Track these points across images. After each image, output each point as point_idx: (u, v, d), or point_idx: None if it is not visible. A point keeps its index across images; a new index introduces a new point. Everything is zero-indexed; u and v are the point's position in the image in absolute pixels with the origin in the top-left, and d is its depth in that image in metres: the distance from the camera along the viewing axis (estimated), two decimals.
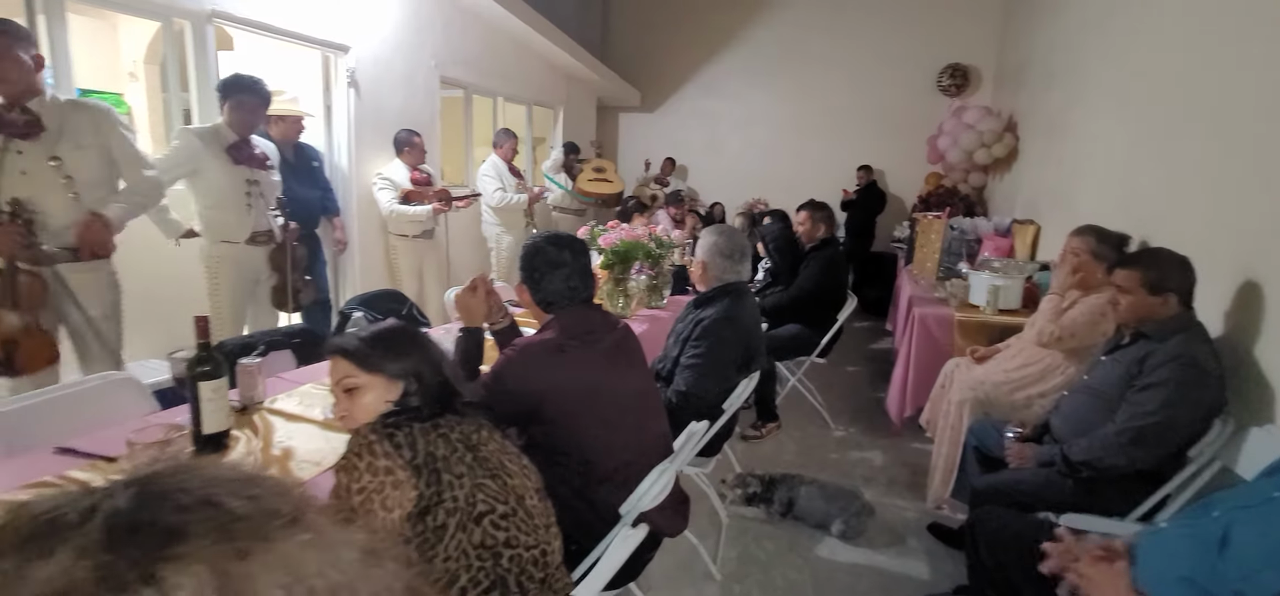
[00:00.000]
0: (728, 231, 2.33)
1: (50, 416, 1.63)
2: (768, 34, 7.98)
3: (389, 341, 1.20)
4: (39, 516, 0.42)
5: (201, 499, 0.44)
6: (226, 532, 0.43)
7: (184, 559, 0.40)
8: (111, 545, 0.40)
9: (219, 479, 0.47)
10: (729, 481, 2.85)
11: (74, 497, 0.43)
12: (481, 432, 1.18)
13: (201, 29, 3.16)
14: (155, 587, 0.39)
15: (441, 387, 1.18)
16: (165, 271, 2.90)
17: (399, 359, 1.17)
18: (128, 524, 0.41)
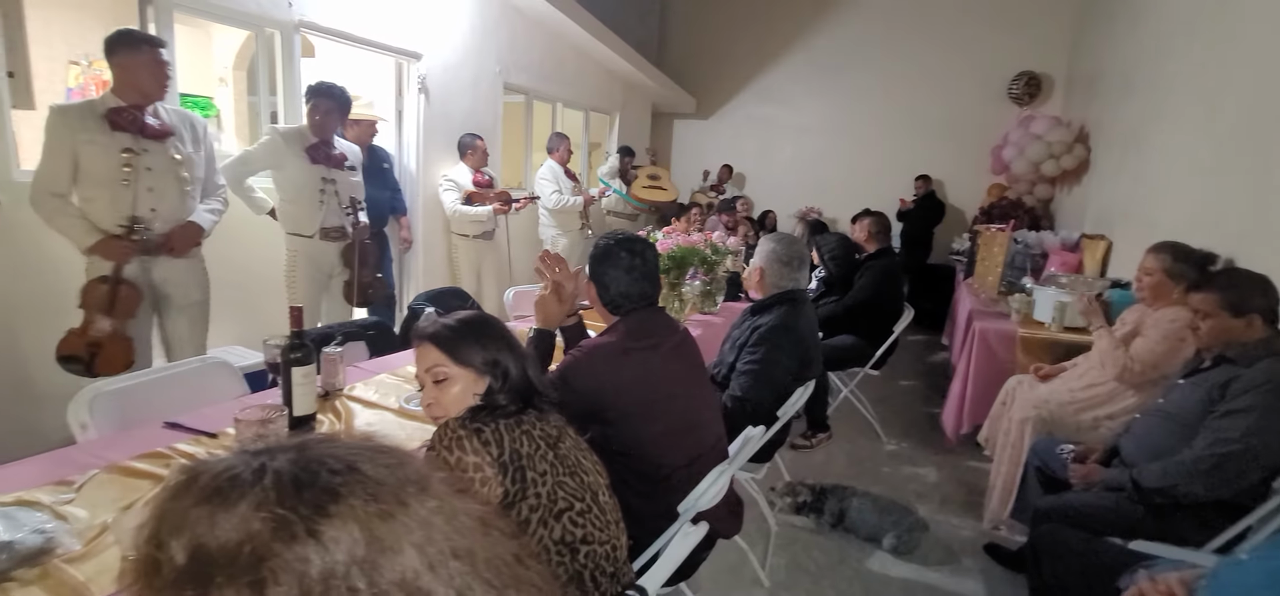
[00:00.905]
0: (786, 239, 2.34)
1: (158, 394, 1.79)
2: (826, 41, 7.89)
3: (479, 331, 1.22)
4: (219, 474, 0.49)
5: (348, 464, 0.51)
6: (372, 496, 0.49)
7: (340, 517, 0.47)
8: (281, 501, 0.47)
9: (360, 448, 0.53)
10: (779, 489, 2.86)
11: (246, 459, 0.50)
12: (560, 430, 1.20)
13: (289, 38, 3.38)
14: (317, 540, 0.45)
15: (525, 384, 1.20)
16: (243, 266, 3.11)
17: (486, 350, 1.20)
18: (293, 483, 0.48)
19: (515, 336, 1.29)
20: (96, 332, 2.29)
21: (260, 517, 0.46)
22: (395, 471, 0.52)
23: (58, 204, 2.24)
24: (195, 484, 0.48)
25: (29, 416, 2.55)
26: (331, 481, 0.48)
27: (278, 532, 0.45)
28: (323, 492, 0.48)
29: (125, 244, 2.28)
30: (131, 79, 2.26)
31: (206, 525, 0.46)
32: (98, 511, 1.22)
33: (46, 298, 2.59)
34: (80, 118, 2.24)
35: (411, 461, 0.54)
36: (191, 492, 0.48)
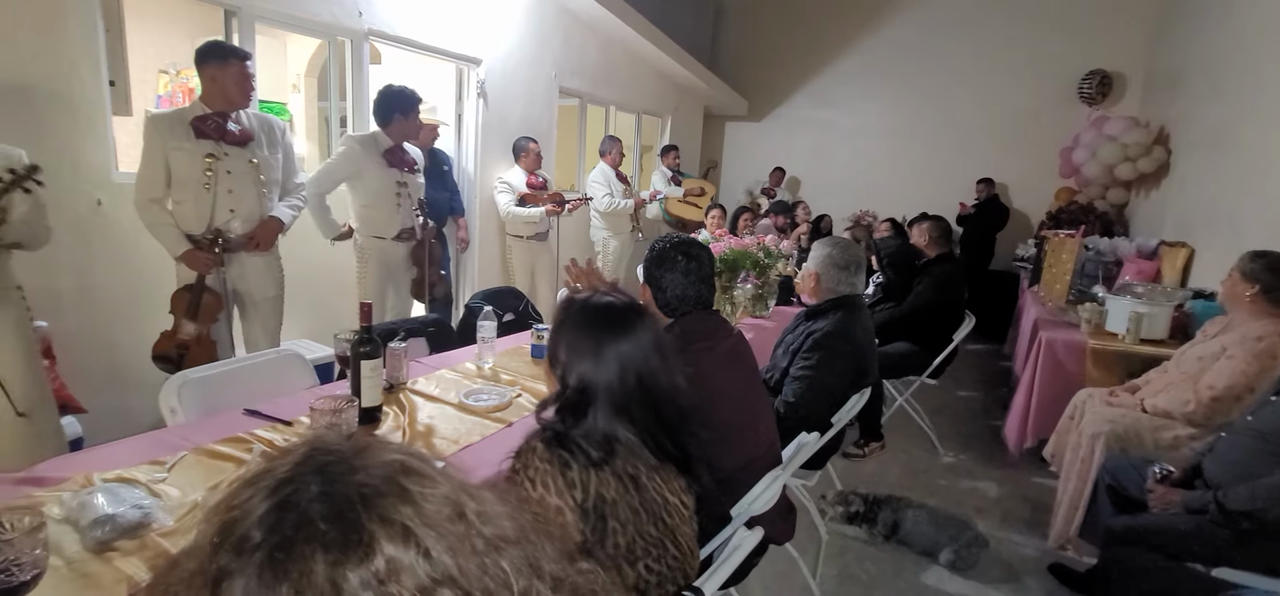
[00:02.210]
0: (842, 243, 2.30)
1: (238, 383, 1.90)
2: (884, 41, 7.70)
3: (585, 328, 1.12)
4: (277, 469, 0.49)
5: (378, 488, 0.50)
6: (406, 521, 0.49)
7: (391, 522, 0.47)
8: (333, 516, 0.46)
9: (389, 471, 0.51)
10: (830, 498, 2.81)
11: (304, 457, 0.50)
12: (645, 465, 1.10)
13: (359, 46, 3.54)
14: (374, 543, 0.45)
15: (625, 401, 1.09)
16: (314, 263, 3.27)
17: (573, 357, 1.11)
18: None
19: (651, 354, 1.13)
20: (184, 335, 2.47)
21: (316, 508, 0.46)
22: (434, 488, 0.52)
23: (156, 210, 2.41)
24: (261, 481, 0.48)
25: (121, 401, 2.75)
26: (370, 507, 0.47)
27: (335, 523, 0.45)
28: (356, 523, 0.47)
29: (208, 256, 2.44)
30: (220, 89, 2.42)
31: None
32: (187, 490, 1.31)
33: (140, 292, 2.79)
34: (170, 125, 2.40)
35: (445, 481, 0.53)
36: (261, 483, 0.48)
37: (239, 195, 2.50)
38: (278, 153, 2.67)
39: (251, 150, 2.53)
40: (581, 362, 1.11)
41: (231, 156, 2.47)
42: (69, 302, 2.58)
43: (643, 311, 1.17)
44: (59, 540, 1.10)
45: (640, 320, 1.15)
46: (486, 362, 2.21)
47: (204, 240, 2.43)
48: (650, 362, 1.12)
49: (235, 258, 2.56)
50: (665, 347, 1.16)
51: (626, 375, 1.09)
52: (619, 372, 1.09)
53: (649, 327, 1.16)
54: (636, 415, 1.10)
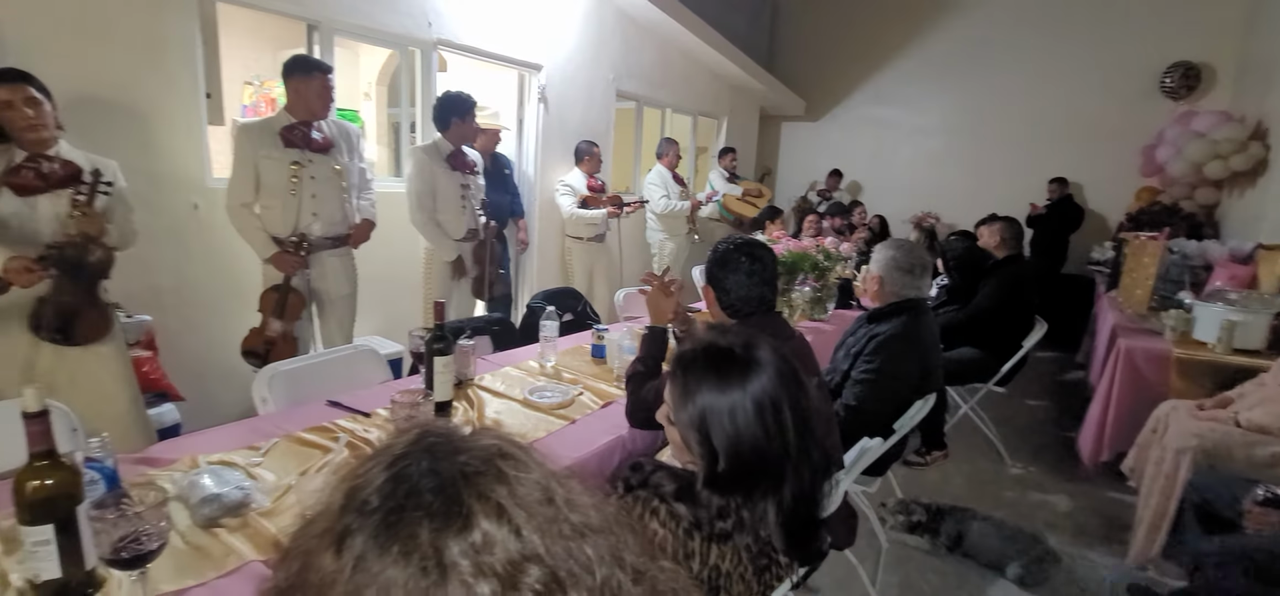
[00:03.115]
0: (906, 245, 2.25)
1: (320, 376, 2.02)
2: (949, 36, 7.45)
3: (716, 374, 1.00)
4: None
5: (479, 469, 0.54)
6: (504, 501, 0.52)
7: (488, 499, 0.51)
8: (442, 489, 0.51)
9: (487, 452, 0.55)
10: (890, 506, 2.76)
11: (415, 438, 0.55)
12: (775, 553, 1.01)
13: (428, 55, 3.69)
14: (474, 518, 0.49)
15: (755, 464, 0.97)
16: (383, 263, 3.42)
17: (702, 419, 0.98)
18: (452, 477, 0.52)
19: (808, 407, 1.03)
20: (271, 332, 2.64)
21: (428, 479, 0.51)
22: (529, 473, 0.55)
23: (245, 214, 2.59)
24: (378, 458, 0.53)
25: (213, 390, 2.96)
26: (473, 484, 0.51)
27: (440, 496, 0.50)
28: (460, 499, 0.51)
29: (294, 258, 2.60)
30: (303, 100, 2.58)
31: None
32: (280, 474, 1.41)
33: (230, 290, 2.99)
34: (260, 134, 2.57)
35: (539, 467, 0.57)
36: (379, 460, 0.53)
37: (322, 200, 2.66)
38: (355, 159, 2.82)
39: (333, 157, 2.68)
40: (718, 426, 0.98)
41: (315, 163, 2.62)
42: (169, 299, 2.80)
43: (756, 338, 1.06)
44: (172, 516, 1.20)
45: (760, 349, 1.03)
46: (549, 361, 2.27)
47: (289, 243, 2.59)
48: (789, 389, 1.00)
49: (315, 258, 2.72)
50: (792, 369, 1.04)
51: (766, 416, 0.97)
52: (759, 418, 0.97)
53: (770, 356, 1.02)
54: (791, 447, 0.99)
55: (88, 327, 2.05)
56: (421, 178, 3.15)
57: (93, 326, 2.07)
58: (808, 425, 1.02)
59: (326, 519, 0.50)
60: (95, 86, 2.51)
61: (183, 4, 2.73)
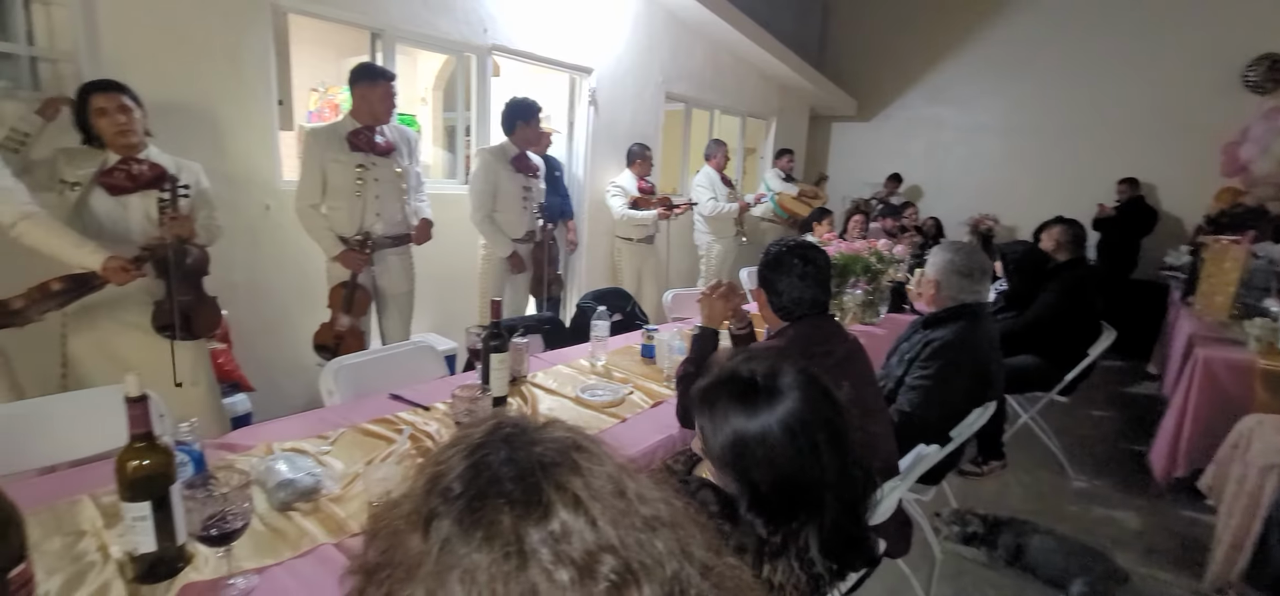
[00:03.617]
0: (965, 248, 2.19)
1: (382, 370, 2.10)
2: (1009, 31, 7.17)
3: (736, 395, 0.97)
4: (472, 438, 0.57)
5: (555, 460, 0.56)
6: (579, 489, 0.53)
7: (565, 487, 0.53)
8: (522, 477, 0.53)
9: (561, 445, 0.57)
10: (945, 516, 2.69)
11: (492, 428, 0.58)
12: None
13: (484, 60, 3.79)
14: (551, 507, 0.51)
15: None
16: (439, 262, 3.53)
17: (738, 461, 0.94)
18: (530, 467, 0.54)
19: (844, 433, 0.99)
20: (340, 327, 2.77)
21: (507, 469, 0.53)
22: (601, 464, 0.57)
23: (314, 215, 2.72)
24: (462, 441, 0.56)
25: (280, 382, 3.12)
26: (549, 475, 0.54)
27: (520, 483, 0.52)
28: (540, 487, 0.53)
29: (360, 256, 2.72)
30: (368, 106, 2.69)
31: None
32: (348, 462, 1.48)
33: (298, 287, 3.15)
34: (327, 139, 2.70)
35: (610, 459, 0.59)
36: (460, 445, 0.56)
37: (384, 201, 2.77)
38: (414, 162, 2.93)
39: (394, 160, 2.79)
40: (752, 458, 0.95)
41: (378, 166, 2.74)
42: (242, 295, 2.96)
43: (780, 362, 1.01)
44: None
45: (784, 374, 0.98)
46: (599, 360, 2.30)
47: (354, 241, 2.71)
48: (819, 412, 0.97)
49: (378, 257, 2.83)
50: (823, 389, 1.00)
51: (799, 441, 0.94)
52: (791, 440, 0.94)
53: (796, 379, 0.98)
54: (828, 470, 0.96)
55: (204, 321, 2.21)
56: (485, 177, 3.24)
57: (207, 320, 2.23)
58: (844, 443, 0.99)
59: (412, 502, 0.53)
60: (180, 94, 2.68)
61: (258, 15, 2.88)
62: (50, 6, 2.42)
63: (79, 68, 2.41)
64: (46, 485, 1.34)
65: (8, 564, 0.90)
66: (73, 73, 2.42)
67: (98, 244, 1.96)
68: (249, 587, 1.05)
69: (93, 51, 2.42)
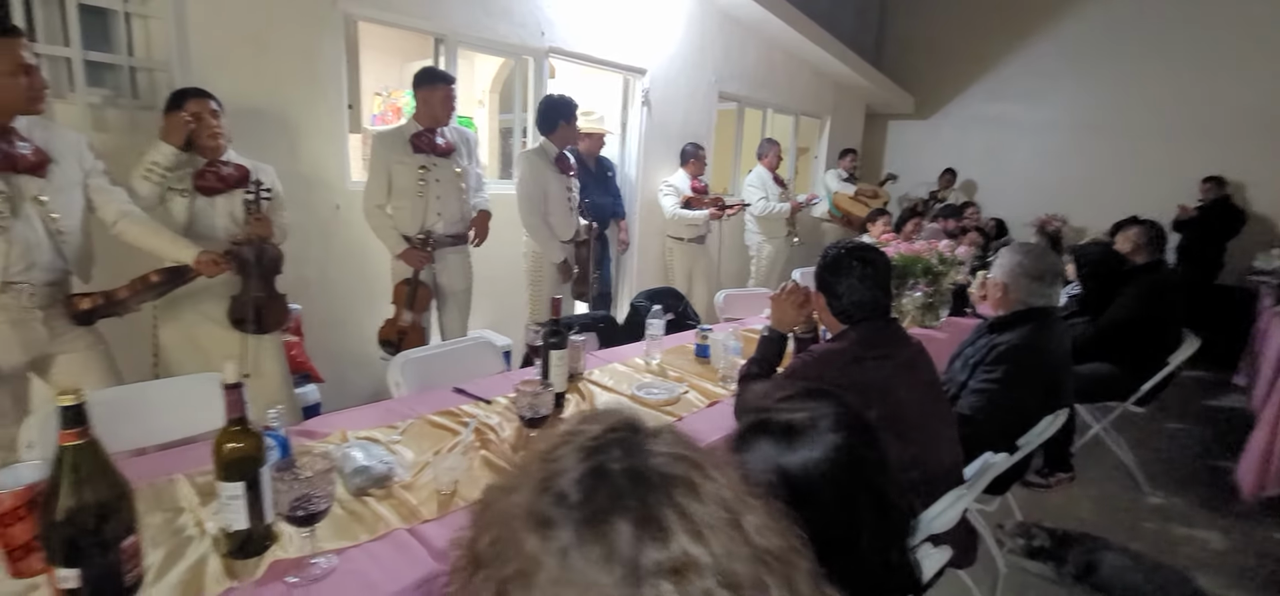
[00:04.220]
0: (1035, 250, 2.11)
1: (445, 364, 2.18)
2: (1080, 26, 6.83)
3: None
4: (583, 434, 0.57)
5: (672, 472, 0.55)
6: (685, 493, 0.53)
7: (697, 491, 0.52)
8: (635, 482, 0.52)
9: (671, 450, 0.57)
10: (1009, 528, 2.59)
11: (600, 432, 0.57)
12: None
13: (541, 63, 3.87)
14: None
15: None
16: (492, 261, 3.61)
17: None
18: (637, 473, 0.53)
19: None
20: (403, 323, 2.87)
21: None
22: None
23: (380, 214, 2.83)
24: (571, 442, 0.56)
25: (345, 373, 3.26)
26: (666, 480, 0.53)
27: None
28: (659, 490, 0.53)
29: (422, 253, 2.82)
30: (430, 107, 2.79)
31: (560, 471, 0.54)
32: (417, 451, 1.54)
33: (364, 284, 3.28)
34: (392, 141, 2.80)
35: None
36: (571, 443, 0.56)
37: (445, 200, 2.86)
38: (473, 162, 3.01)
39: (454, 160, 2.88)
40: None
41: (439, 166, 2.83)
42: (314, 290, 3.11)
43: (814, 398, 0.97)
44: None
45: (820, 412, 0.94)
46: (654, 359, 2.32)
47: (416, 240, 2.81)
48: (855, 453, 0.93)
49: (438, 255, 2.93)
50: (861, 423, 0.97)
51: (840, 487, 0.91)
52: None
53: (831, 414, 0.94)
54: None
55: (273, 317, 2.35)
56: (534, 180, 3.28)
57: (277, 315, 2.36)
58: (886, 479, 0.96)
59: (525, 495, 0.52)
60: (258, 99, 2.83)
61: (331, 23, 3.02)
62: (148, 20, 2.60)
63: (172, 76, 2.58)
64: (143, 465, 1.45)
65: (121, 534, 0.99)
66: (166, 81, 2.60)
67: (189, 240, 2.10)
68: (330, 567, 1.11)
69: (183, 61, 2.59)
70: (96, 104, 2.51)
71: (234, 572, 1.08)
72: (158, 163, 2.16)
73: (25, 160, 1.81)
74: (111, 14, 2.54)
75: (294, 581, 1.07)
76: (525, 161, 3.32)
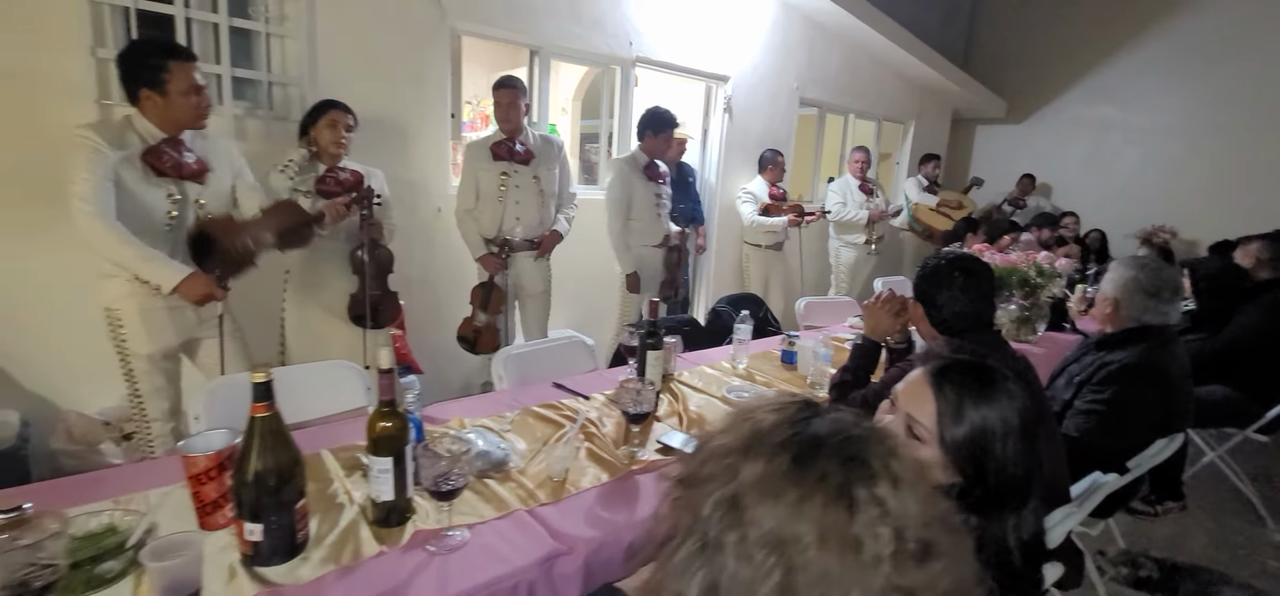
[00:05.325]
0: (1152, 265, 2.01)
1: (541, 361, 2.30)
2: (1201, 21, 6.33)
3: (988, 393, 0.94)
4: (760, 428, 0.64)
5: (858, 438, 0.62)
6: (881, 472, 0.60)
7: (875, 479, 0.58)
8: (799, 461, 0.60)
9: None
10: (1111, 556, 2.47)
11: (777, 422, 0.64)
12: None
13: (627, 72, 3.98)
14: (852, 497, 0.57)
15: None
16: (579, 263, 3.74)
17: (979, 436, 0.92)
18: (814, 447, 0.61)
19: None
20: (478, 322, 3.05)
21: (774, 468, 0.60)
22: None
23: (468, 219, 3.03)
24: (738, 433, 0.64)
25: (441, 366, 3.46)
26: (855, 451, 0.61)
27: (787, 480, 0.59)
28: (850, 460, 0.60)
29: (495, 259, 2.99)
30: (501, 113, 2.95)
31: (730, 470, 0.62)
32: (525, 441, 1.65)
33: (460, 283, 3.47)
34: (479, 150, 2.99)
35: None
36: (734, 439, 0.64)
37: (524, 206, 3.01)
38: (555, 167, 3.13)
39: (533, 167, 3.02)
40: (991, 450, 0.92)
41: (519, 174, 2.98)
42: (416, 287, 3.32)
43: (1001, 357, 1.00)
44: None
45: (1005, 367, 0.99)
46: (741, 363, 2.36)
47: (492, 246, 2.97)
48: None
49: (515, 258, 3.08)
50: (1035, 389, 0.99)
51: (1030, 439, 0.94)
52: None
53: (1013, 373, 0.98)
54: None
55: (387, 313, 2.55)
56: (622, 187, 3.40)
57: (390, 312, 2.57)
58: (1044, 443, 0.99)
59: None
60: (375, 109, 3.06)
61: (440, 39, 3.24)
62: (284, 40, 2.87)
63: (303, 91, 2.84)
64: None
65: (294, 498, 1.13)
66: (298, 95, 2.86)
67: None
68: (464, 539, 1.22)
69: (313, 76, 2.85)
70: (239, 115, 2.79)
71: (382, 539, 1.21)
72: (293, 160, 2.40)
73: (190, 168, 2.05)
74: (254, 35, 2.83)
75: (434, 549, 1.19)
76: (614, 168, 3.45)
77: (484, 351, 3.10)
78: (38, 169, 2.31)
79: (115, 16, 2.49)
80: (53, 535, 0.91)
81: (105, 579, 1.02)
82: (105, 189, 1.85)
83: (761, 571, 0.54)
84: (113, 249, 1.87)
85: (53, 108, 2.34)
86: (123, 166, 1.91)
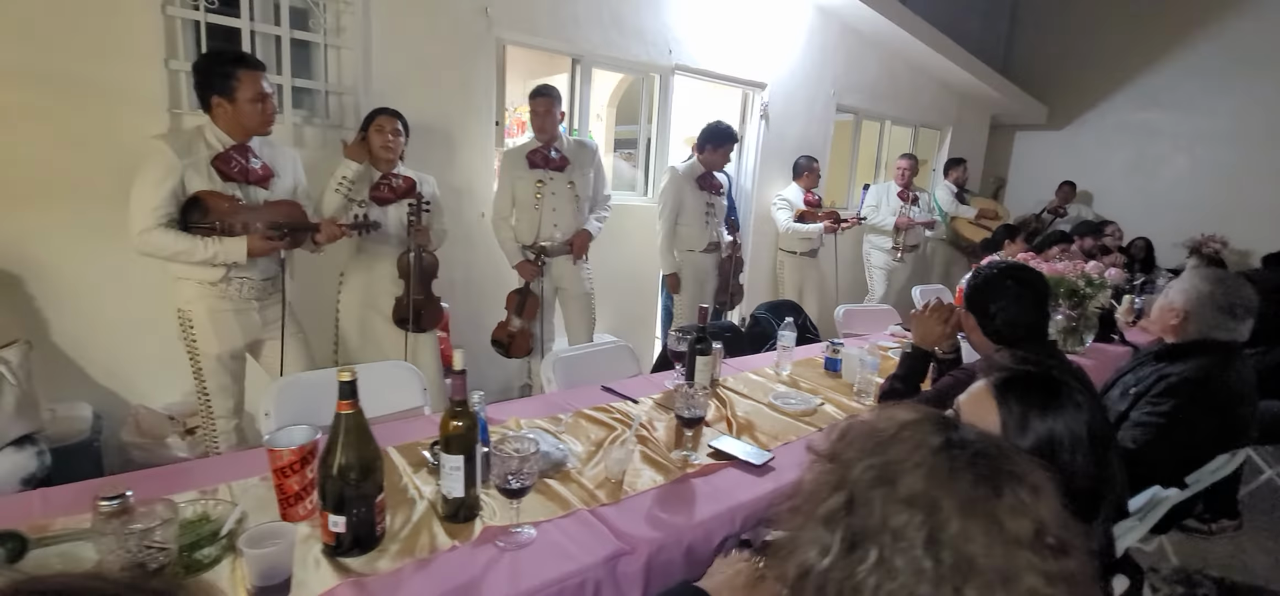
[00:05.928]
0: (1228, 280, 1.93)
1: (589, 364, 2.34)
2: (1252, 23, 6.15)
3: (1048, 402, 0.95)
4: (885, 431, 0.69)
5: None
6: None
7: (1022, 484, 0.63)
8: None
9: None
10: (1164, 573, 2.41)
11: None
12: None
13: (666, 79, 4.02)
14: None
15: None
16: (621, 269, 3.79)
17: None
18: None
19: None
20: (512, 327, 3.11)
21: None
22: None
23: (505, 226, 3.10)
24: (879, 433, 0.69)
25: (482, 368, 3.53)
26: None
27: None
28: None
29: (531, 266, 3.05)
30: (536, 121, 3.00)
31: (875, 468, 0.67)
32: (579, 442, 1.69)
33: (500, 287, 3.53)
34: (515, 158, 3.05)
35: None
36: (871, 438, 0.70)
37: (560, 212, 3.06)
38: (589, 172, 3.17)
39: (569, 173, 3.07)
40: (1059, 460, 0.92)
41: (555, 181, 3.03)
42: (459, 291, 3.40)
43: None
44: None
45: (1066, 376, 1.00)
46: (785, 370, 2.37)
47: (528, 253, 3.02)
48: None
49: (552, 263, 3.13)
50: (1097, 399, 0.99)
51: (1098, 449, 0.95)
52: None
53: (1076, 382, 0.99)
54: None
55: (429, 317, 2.63)
56: (673, 193, 3.52)
57: (432, 316, 2.64)
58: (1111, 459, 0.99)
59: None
60: (425, 117, 3.14)
61: (486, 48, 3.32)
62: (340, 51, 2.97)
63: (357, 99, 2.94)
64: None
65: (374, 492, 1.18)
66: (352, 104, 2.96)
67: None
68: (532, 537, 1.26)
69: (367, 85, 2.94)
70: (298, 124, 2.90)
71: (453, 534, 1.26)
72: (346, 177, 2.48)
73: (256, 173, 2.14)
74: (314, 46, 2.93)
75: (503, 545, 1.23)
76: (669, 176, 3.57)
77: (517, 355, 3.17)
78: (114, 175, 2.42)
79: (186, 30, 2.61)
80: (165, 522, 0.97)
81: (202, 564, 1.08)
82: (164, 204, 1.96)
83: (910, 524, 0.59)
84: (172, 250, 1.97)
85: (128, 116, 2.47)
86: (190, 172, 2.01)
